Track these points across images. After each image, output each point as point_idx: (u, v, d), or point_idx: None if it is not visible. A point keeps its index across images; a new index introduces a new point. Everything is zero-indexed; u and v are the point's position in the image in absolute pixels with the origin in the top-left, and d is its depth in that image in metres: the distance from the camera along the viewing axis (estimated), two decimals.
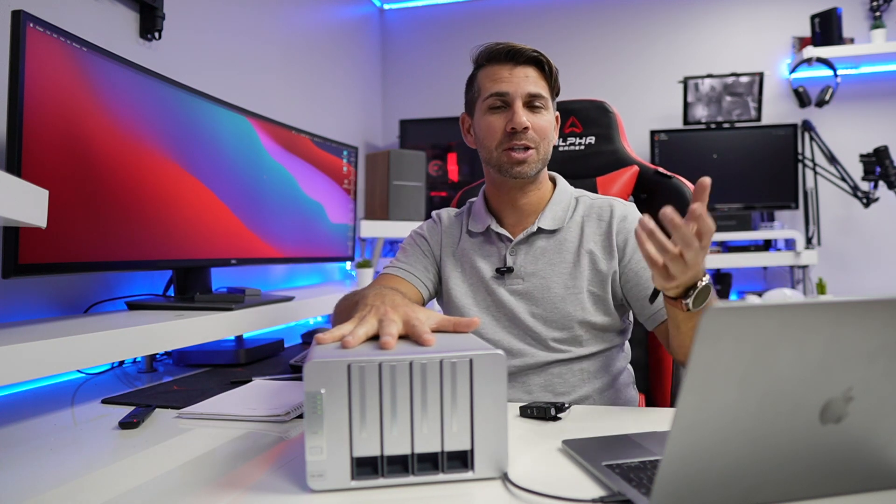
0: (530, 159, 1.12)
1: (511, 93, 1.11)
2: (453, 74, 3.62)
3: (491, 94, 1.12)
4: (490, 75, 1.13)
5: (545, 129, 1.12)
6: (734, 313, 0.51)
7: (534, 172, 1.13)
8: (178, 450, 0.86)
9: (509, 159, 1.12)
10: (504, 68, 1.12)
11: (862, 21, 3.23)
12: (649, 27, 3.47)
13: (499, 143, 1.12)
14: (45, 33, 1.15)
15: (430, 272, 1.24)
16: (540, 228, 1.16)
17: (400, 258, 1.25)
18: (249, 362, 1.51)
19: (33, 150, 1.13)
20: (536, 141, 1.12)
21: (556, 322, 1.13)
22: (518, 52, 1.11)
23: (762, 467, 0.57)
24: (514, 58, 1.12)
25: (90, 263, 1.28)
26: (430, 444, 0.68)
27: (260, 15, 2.43)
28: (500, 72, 1.12)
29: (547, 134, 1.13)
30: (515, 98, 1.11)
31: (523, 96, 1.11)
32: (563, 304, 1.12)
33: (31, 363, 0.97)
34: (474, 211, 1.24)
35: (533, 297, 1.14)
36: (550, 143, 1.15)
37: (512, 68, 1.12)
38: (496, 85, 1.12)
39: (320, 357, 0.67)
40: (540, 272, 1.15)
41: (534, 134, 1.11)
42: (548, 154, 1.15)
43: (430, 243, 1.26)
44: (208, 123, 1.63)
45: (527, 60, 1.12)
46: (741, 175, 3.21)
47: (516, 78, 1.11)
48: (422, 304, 1.24)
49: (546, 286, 1.14)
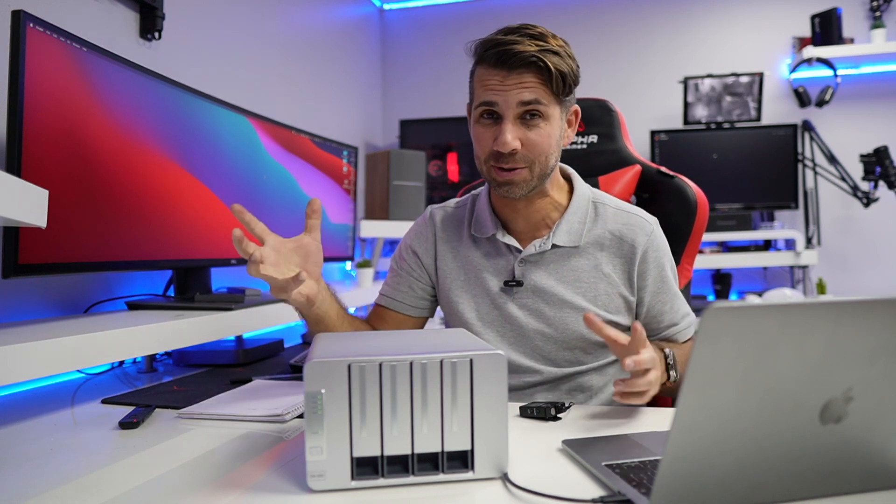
0: (518, 180, 1.01)
1: (501, 104, 0.98)
2: (453, 74, 3.62)
3: (480, 102, 1.01)
4: (482, 79, 1.01)
5: (540, 144, 1.00)
6: (734, 313, 0.51)
7: (526, 191, 1.03)
8: (178, 450, 0.86)
9: (497, 177, 1.03)
10: (496, 75, 0.98)
11: (862, 21, 3.23)
12: (649, 27, 3.46)
13: (487, 157, 1.03)
14: (45, 33, 1.15)
15: (419, 289, 1.19)
16: (555, 245, 1.08)
17: (388, 281, 1.22)
18: (249, 362, 1.51)
19: (33, 150, 1.13)
20: (529, 159, 1.00)
21: (567, 342, 1.07)
22: (510, 56, 0.96)
23: (762, 467, 0.57)
24: (506, 63, 0.97)
25: (90, 263, 1.28)
26: (430, 444, 0.68)
27: (260, 15, 2.43)
28: (492, 78, 0.99)
29: (544, 149, 1.01)
30: (505, 111, 0.98)
31: (515, 107, 0.98)
32: (575, 324, 1.06)
33: (31, 363, 0.97)
34: (478, 213, 1.15)
35: (543, 315, 1.08)
36: (550, 156, 1.03)
37: (505, 75, 0.98)
38: (486, 93, 1.00)
39: (320, 357, 0.67)
40: (551, 290, 1.07)
41: (525, 153, 1.00)
42: (547, 168, 1.03)
43: (419, 256, 1.19)
44: (208, 123, 1.63)
45: (522, 65, 0.97)
46: (741, 175, 3.21)
47: (508, 86, 0.98)
48: (421, 325, 1.22)
49: (558, 305, 1.07)
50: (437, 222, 1.19)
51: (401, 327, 1.20)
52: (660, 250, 1.10)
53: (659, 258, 1.09)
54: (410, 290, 1.19)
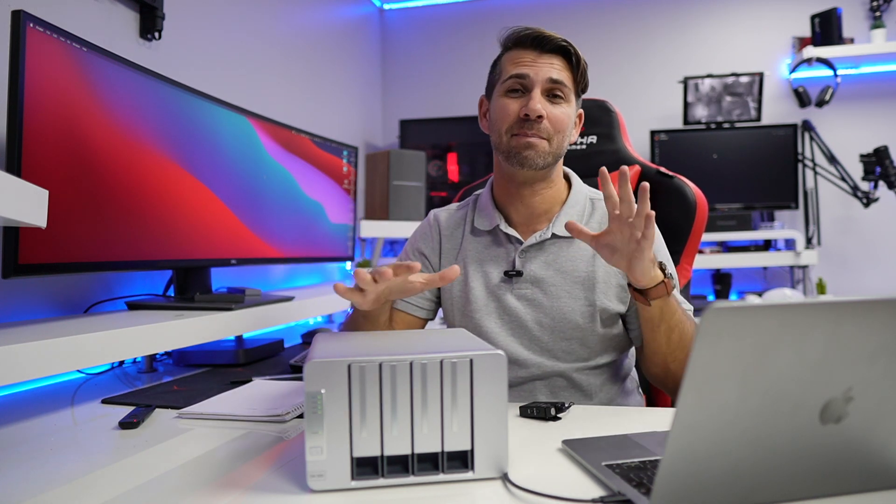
0: (540, 147, 1.06)
1: (532, 76, 1.06)
2: (453, 74, 3.63)
3: (511, 75, 1.08)
4: (513, 59, 1.09)
5: (562, 121, 1.07)
6: (734, 313, 0.51)
7: (542, 163, 1.07)
8: (178, 450, 0.86)
9: (517, 143, 1.06)
10: (529, 54, 1.08)
11: (862, 21, 3.23)
12: (649, 27, 3.46)
13: (510, 126, 1.07)
14: (45, 33, 1.15)
15: (427, 290, 1.17)
16: (554, 234, 1.11)
17: None
18: (249, 362, 1.51)
19: (33, 150, 1.13)
20: (550, 132, 1.06)
21: (564, 332, 1.08)
22: (545, 39, 1.07)
23: (762, 467, 0.57)
24: (541, 45, 1.07)
25: (90, 263, 1.28)
26: (430, 444, 0.68)
27: (260, 15, 2.43)
28: (525, 56, 1.08)
29: (563, 127, 1.08)
30: (535, 83, 1.06)
31: (544, 82, 1.06)
32: (572, 314, 1.08)
33: (31, 363, 0.97)
34: (480, 206, 1.18)
35: (541, 305, 1.09)
36: (566, 137, 1.09)
37: (538, 55, 1.07)
38: (517, 67, 1.07)
39: (320, 357, 0.67)
40: (550, 279, 1.09)
41: (548, 125, 1.06)
42: (561, 149, 1.09)
43: (426, 256, 1.20)
44: (208, 123, 1.63)
45: (554, 49, 1.07)
46: (741, 175, 3.21)
47: (540, 63, 1.07)
48: (424, 326, 1.22)
49: (556, 294, 1.09)
50: (440, 222, 1.22)
51: (405, 328, 1.20)
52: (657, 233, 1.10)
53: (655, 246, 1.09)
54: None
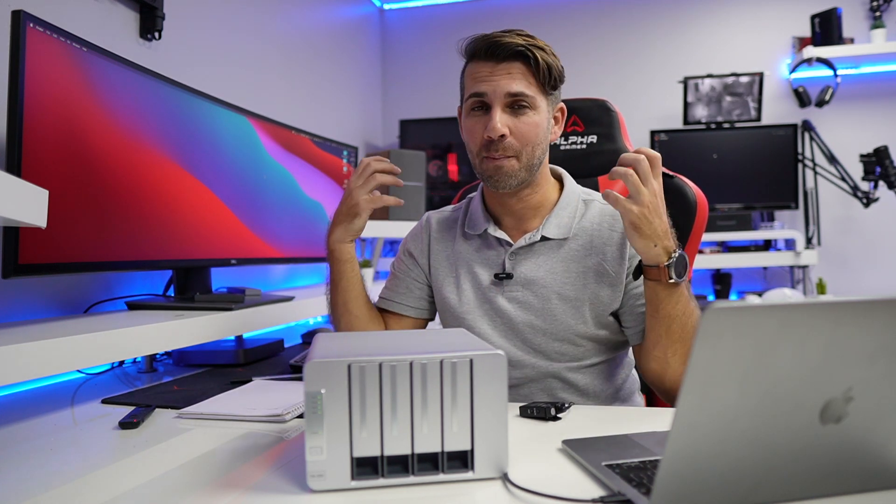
0: (507, 167, 1.03)
1: (489, 94, 1.02)
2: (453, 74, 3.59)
3: (470, 94, 1.04)
4: (472, 73, 1.05)
5: (528, 132, 1.03)
6: (734, 313, 0.51)
7: (515, 182, 1.04)
8: (178, 450, 0.86)
9: (487, 168, 1.05)
10: (486, 66, 1.03)
11: (862, 21, 3.23)
12: (649, 27, 3.46)
13: (478, 150, 1.05)
14: (45, 33, 1.15)
15: (418, 290, 1.20)
16: (544, 237, 1.09)
17: (387, 285, 1.24)
18: (249, 362, 1.51)
19: (33, 150, 1.13)
20: (517, 148, 1.03)
21: (556, 334, 1.07)
22: (499, 47, 1.01)
23: (762, 467, 0.57)
24: (495, 54, 1.01)
25: (90, 263, 1.28)
26: (430, 444, 0.68)
27: (260, 15, 2.43)
28: (481, 70, 1.03)
29: (531, 139, 1.03)
30: (494, 100, 1.02)
31: (503, 98, 1.01)
32: (563, 315, 1.07)
33: (31, 363, 0.97)
34: (471, 211, 1.17)
35: (532, 307, 1.08)
36: (538, 146, 1.05)
37: (493, 66, 1.02)
38: (476, 84, 1.03)
39: (320, 357, 0.67)
40: (540, 280, 1.08)
41: (513, 141, 1.02)
42: (534, 159, 1.05)
43: (415, 256, 1.21)
44: (208, 123, 1.63)
45: (509, 55, 1.01)
46: (741, 175, 3.21)
47: (497, 77, 1.01)
48: (422, 326, 1.23)
49: (546, 296, 1.07)
50: (432, 224, 1.22)
51: (401, 328, 1.20)
52: None
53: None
54: (408, 290, 1.20)
